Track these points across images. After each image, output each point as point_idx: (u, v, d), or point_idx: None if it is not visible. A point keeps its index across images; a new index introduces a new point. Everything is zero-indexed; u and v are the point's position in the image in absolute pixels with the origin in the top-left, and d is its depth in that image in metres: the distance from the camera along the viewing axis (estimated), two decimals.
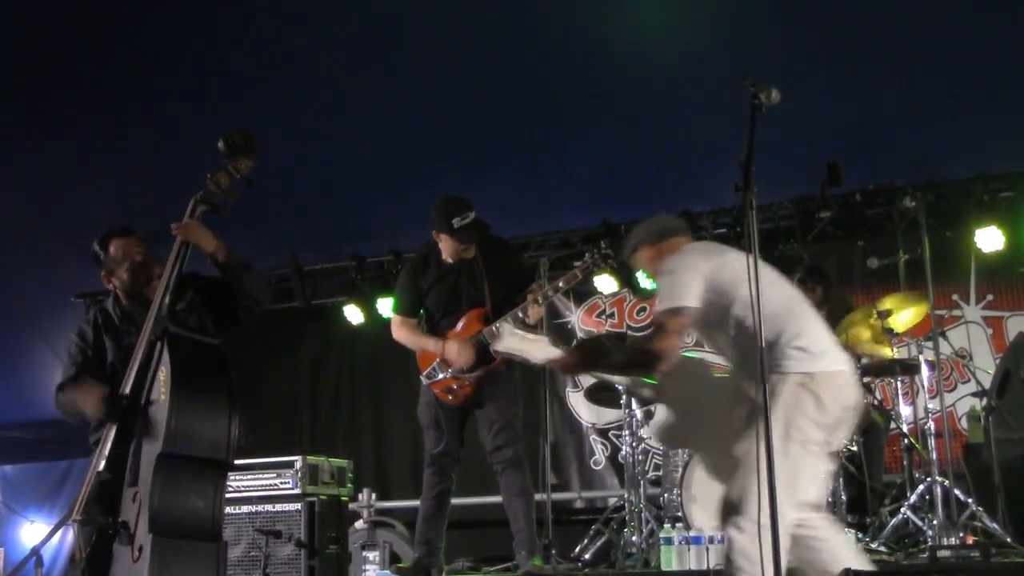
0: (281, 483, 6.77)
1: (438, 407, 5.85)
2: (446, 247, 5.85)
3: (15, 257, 9.22)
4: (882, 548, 5.80)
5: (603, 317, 9.47)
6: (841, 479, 6.09)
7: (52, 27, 7.00)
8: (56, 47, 7.17)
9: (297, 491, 6.69)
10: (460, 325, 5.83)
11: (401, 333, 6.04)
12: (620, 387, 6.41)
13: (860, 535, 5.82)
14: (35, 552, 4.41)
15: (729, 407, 3.91)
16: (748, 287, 3.54)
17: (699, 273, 3.92)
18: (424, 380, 5.88)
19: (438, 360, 5.82)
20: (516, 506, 5.75)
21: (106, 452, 4.27)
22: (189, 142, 7.04)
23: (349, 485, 7.18)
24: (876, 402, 6.88)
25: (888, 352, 6.60)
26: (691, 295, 3.86)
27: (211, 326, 4.65)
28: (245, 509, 6.72)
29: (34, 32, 7.07)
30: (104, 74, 7.45)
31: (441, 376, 5.81)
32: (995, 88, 7.25)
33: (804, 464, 3.67)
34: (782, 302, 3.85)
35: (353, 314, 9.87)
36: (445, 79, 7.53)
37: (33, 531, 11.32)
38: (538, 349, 4.18)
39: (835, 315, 6.95)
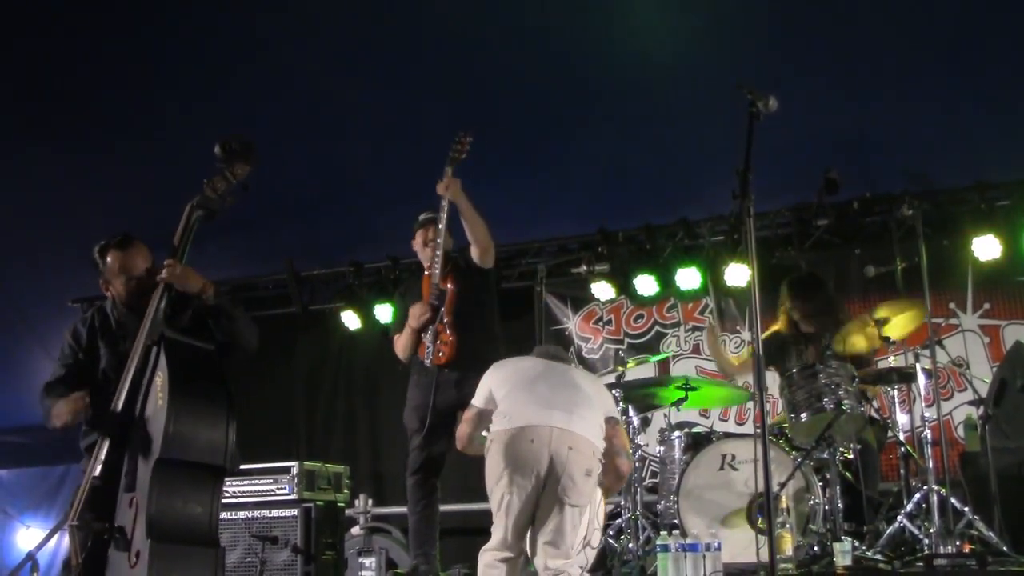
0: (278, 489, 6.77)
1: (429, 412, 5.85)
2: (419, 248, 6.15)
3: (11, 262, 9.21)
4: (878, 557, 5.79)
5: (600, 324, 9.48)
6: (838, 487, 6.08)
7: (50, 33, 7.00)
8: (53, 53, 7.17)
9: (293, 497, 6.69)
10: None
11: (398, 344, 6.17)
12: None
13: (856, 543, 5.81)
14: (31, 557, 4.41)
15: None
16: (503, 387, 4.90)
17: (487, 379, 5.04)
18: (427, 361, 5.90)
19: (423, 336, 5.94)
20: None
21: (102, 457, 4.27)
22: (186, 149, 7.04)
23: (346, 491, 7.19)
24: (873, 411, 6.87)
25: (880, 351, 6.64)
26: (477, 397, 5.02)
27: (209, 334, 4.64)
28: (242, 515, 6.73)
29: (32, 38, 7.07)
30: (101, 81, 7.45)
31: (429, 344, 5.90)
32: (992, 97, 7.26)
33: (498, 505, 4.68)
34: (500, 390, 4.92)
35: (350, 320, 9.87)
36: (443, 86, 7.53)
37: (29, 536, 11.31)
38: None
39: (826, 325, 6.95)
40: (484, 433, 5.00)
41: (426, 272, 6.05)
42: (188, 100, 7.60)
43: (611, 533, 7.26)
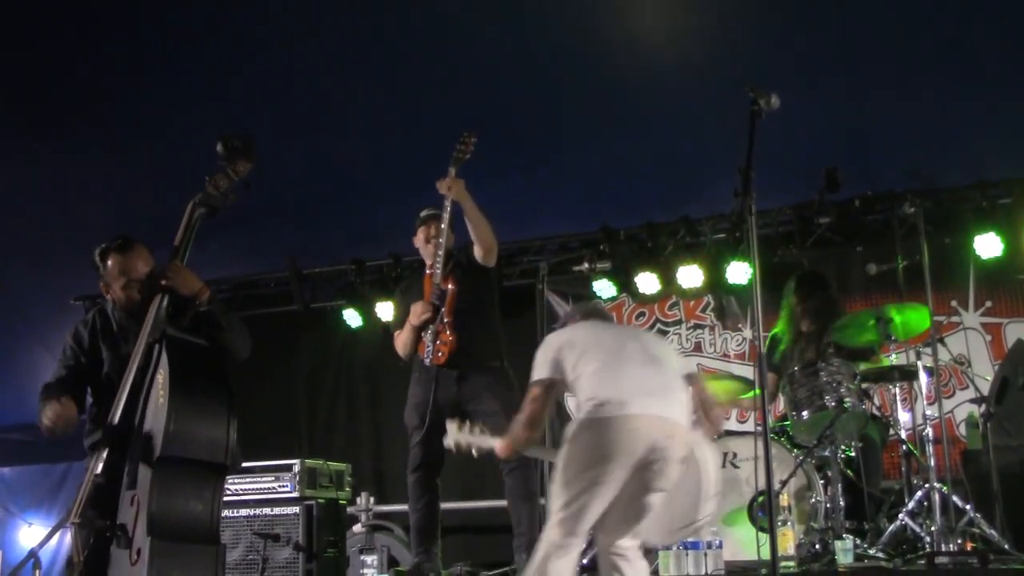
0: (279, 486, 6.77)
1: (429, 409, 5.86)
2: (420, 245, 6.16)
3: (13, 260, 9.22)
4: (880, 555, 5.79)
5: None
6: (839, 485, 6.08)
7: (51, 33, 7.00)
8: (55, 52, 7.17)
9: (295, 494, 6.70)
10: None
11: (398, 341, 6.17)
12: None
13: (858, 541, 5.81)
14: (33, 554, 4.41)
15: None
16: (572, 362, 4.48)
17: (550, 349, 4.60)
18: (427, 361, 5.90)
19: (423, 336, 5.94)
20: (520, 508, 5.79)
21: (103, 455, 4.27)
22: (187, 148, 7.05)
23: (347, 489, 7.19)
24: (874, 408, 6.87)
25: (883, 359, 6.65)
26: (542, 369, 4.56)
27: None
28: (243, 512, 6.73)
29: (33, 38, 7.07)
30: (102, 80, 7.46)
31: (429, 343, 5.90)
32: (993, 95, 7.26)
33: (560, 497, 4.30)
34: (583, 366, 4.49)
35: (352, 318, 9.88)
36: (445, 83, 7.54)
37: (31, 533, 11.32)
38: (482, 441, 4.91)
39: (825, 324, 6.95)
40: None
41: (427, 270, 6.05)
42: (189, 100, 7.60)
43: None
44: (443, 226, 5.89)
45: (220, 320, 4.56)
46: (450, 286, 5.89)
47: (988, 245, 7.95)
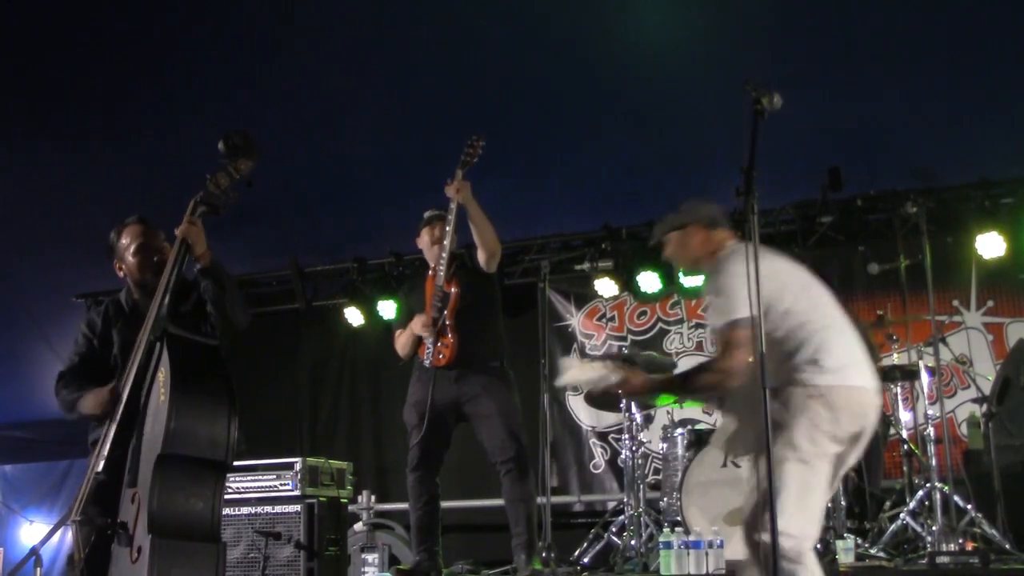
0: (281, 484, 6.77)
1: (428, 408, 5.86)
2: (425, 246, 6.15)
3: (16, 258, 9.22)
4: (881, 554, 5.79)
5: (603, 320, 9.48)
6: (840, 485, 6.08)
7: (58, 32, 7.01)
8: (56, 49, 7.18)
9: (297, 493, 6.70)
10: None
11: (398, 342, 6.19)
12: None
13: (859, 541, 5.81)
14: (34, 552, 4.41)
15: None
16: (787, 299, 3.90)
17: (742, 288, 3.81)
18: (427, 362, 5.91)
19: (424, 338, 5.96)
20: (518, 509, 5.79)
21: (104, 453, 4.27)
22: (189, 145, 7.05)
23: (349, 487, 7.19)
24: None
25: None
26: (747, 305, 3.77)
27: (211, 329, 4.63)
28: (245, 510, 6.73)
29: (35, 35, 7.07)
30: (104, 77, 7.46)
31: (430, 345, 5.91)
32: (996, 94, 7.25)
33: (809, 479, 3.70)
34: (803, 314, 3.94)
35: (353, 316, 9.88)
36: (447, 82, 7.53)
37: (33, 531, 11.32)
38: (602, 377, 4.29)
39: None
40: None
41: (430, 272, 6.05)
42: (193, 99, 7.61)
43: (614, 530, 7.28)
44: (448, 229, 5.88)
45: (223, 280, 4.55)
46: (453, 289, 5.88)
47: (990, 244, 7.94)
